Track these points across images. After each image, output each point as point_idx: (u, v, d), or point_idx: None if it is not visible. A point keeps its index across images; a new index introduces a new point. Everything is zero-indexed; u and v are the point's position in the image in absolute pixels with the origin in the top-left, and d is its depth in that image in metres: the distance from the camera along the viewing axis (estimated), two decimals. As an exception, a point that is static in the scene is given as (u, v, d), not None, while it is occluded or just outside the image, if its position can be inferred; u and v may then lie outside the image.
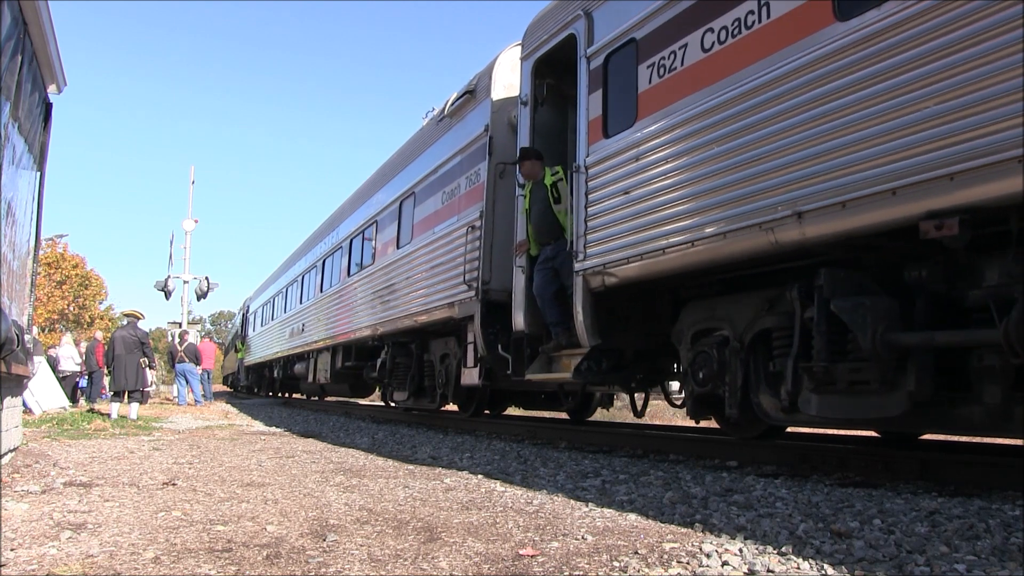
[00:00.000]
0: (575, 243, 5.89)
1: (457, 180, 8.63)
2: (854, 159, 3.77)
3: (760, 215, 4.28)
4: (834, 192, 3.86)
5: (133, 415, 11.94)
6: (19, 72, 4.81)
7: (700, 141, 4.75)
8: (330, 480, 4.81)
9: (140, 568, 2.53)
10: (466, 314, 7.98)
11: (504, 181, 7.71)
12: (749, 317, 4.94)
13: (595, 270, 5.66)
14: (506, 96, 7.93)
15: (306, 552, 2.78)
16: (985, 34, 3.24)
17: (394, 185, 11.13)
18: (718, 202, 4.58)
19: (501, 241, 7.65)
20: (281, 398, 24.48)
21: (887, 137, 3.62)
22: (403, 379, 10.87)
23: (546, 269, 6.49)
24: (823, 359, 4.09)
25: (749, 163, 4.38)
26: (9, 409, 5.73)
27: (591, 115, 5.90)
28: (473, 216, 7.96)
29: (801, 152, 4.06)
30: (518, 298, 6.89)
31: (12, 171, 4.89)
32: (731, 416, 5.02)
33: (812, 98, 4.03)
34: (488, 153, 7.83)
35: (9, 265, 4.94)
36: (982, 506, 3.36)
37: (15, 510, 3.54)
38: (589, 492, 4.26)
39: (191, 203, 35.58)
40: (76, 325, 36.76)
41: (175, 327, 26.54)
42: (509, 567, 2.58)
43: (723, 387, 5.05)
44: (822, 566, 2.47)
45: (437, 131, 9.64)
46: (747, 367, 4.91)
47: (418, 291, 9.44)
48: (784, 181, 4.14)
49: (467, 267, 7.92)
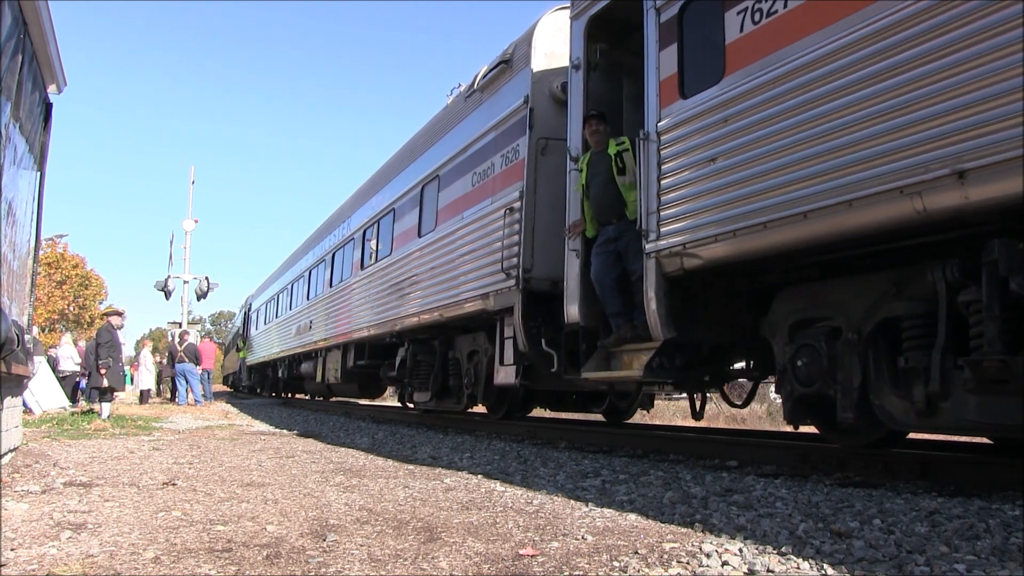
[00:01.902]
0: (644, 221, 5.18)
1: (490, 159, 7.92)
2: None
3: (902, 177, 3.55)
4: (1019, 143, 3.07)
5: (104, 414, 12.09)
6: (19, 72, 4.82)
7: (816, 93, 4.00)
8: (330, 480, 4.81)
9: (140, 568, 2.53)
10: (503, 306, 7.29)
11: (546, 158, 7.05)
12: (869, 304, 4.22)
13: (672, 251, 4.95)
14: (548, 66, 7.25)
15: (306, 552, 2.78)
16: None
17: (414, 170, 10.41)
18: (841, 165, 3.84)
19: (544, 224, 6.98)
20: (285, 399, 23.92)
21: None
22: (425, 378, 10.16)
23: (607, 252, 5.80)
24: (996, 351, 3.32)
25: (888, 114, 3.63)
26: (9, 409, 5.72)
27: (663, 74, 5.19)
28: (511, 197, 7.25)
29: (971, 94, 3.28)
30: (571, 286, 6.17)
31: (13, 171, 4.89)
32: (845, 420, 4.31)
33: (996, 23, 3.16)
34: (528, 127, 7.12)
35: (9, 265, 4.94)
36: (982, 506, 3.36)
37: (15, 510, 3.54)
38: (589, 492, 4.26)
39: (191, 203, 35.69)
40: (76, 325, 36.79)
41: (175, 327, 26.58)
42: (509, 567, 2.58)
43: (834, 387, 4.34)
44: (822, 566, 2.47)
45: (466, 108, 8.87)
46: (865, 363, 4.21)
47: (443, 282, 8.77)
48: (942, 133, 3.39)
49: (505, 253, 7.21)
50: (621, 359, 5.69)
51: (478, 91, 8.50)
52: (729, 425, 13.90)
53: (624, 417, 10.10)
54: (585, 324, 6.05)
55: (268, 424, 12.05)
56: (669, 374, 5.25)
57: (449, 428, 10.02)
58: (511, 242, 7.16)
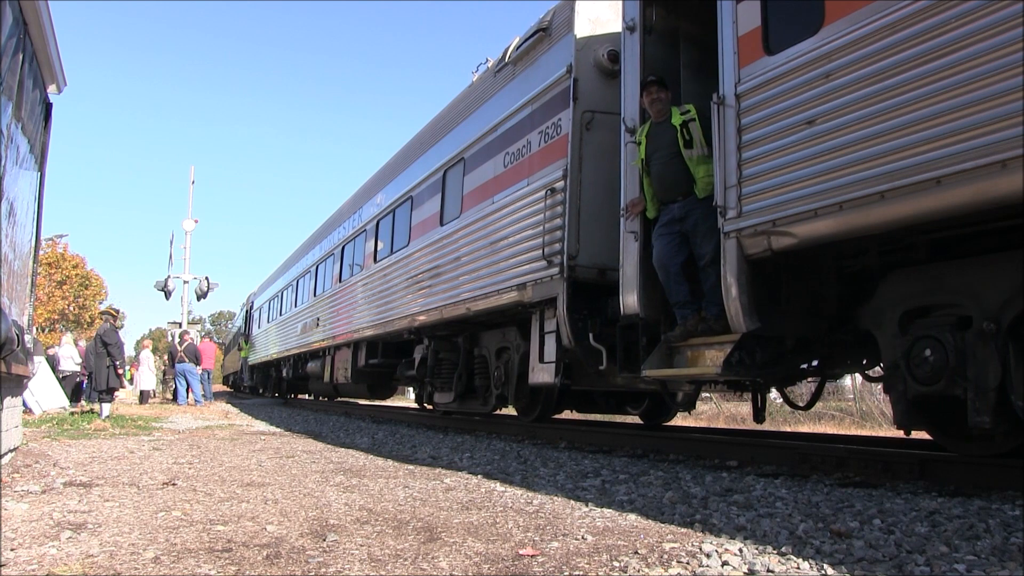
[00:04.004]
0: (722, 197, 4.64)
1: (526, 136, 7.32)
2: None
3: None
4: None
5: (103, 414, 12.14)
6: (20, 72, 4.82)
7: (960, 33, 3.38)
8: (330, 480, 4.81)
9: (140, 568, 2.53)
10: (543, 297, 6.72)
11: (592, 134, 6.45)
12: (1011, 288, 3.66)
13: (757, 229, 4.39)
14: (592, 32, 6.64)
15: (306, 552, 2.78)
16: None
17: (435, 154, 9.74)
18: (996, 118, 3.21)
19: (590, 206, 6.37)
20: (290, 399, 23.19)
21: None
22: (448, 378, 9.52)
23: (671, 234, 5.26)
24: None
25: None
26: (9, 409, 5.73)
27: (741, 30, 4.65)
28: (552, 176, 6.66)
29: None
30: (628, 272, 5.55)
31: (15, 171, 4.90)
32: (978, 425, 3.74)
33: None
34: (572, 98, 6.50)
35: (10, 265, 4.94)
36: (982, 506, 3.36)
37: (15, 510, 3.54)
38: (589, 492, 4.26)
39: (191, 203, 35.66)
40: (76, 325, 36.83)
41: (175, 327, 26.56)
42: (509, 567, 2.58)
43: (962, 386, 3.79)
44: (822, 566, 2.47)
45: (495, 84, 8.23)
46: (1005, 357, 3.66)
47: (470, 273, 8.16)
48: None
49: (546, 239, 6.58)
50: (685, 355, 5.18)
51: (510, 64, 7.88)
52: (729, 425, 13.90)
53: (664, 419, 9.58)
54: (645, 316, 5.46)
55: (268, 424, 12.05)
56: (750, 371, 4.66)
57: (449, 428, 10.01)
58: (553, 226, 6.57)
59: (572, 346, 6.32)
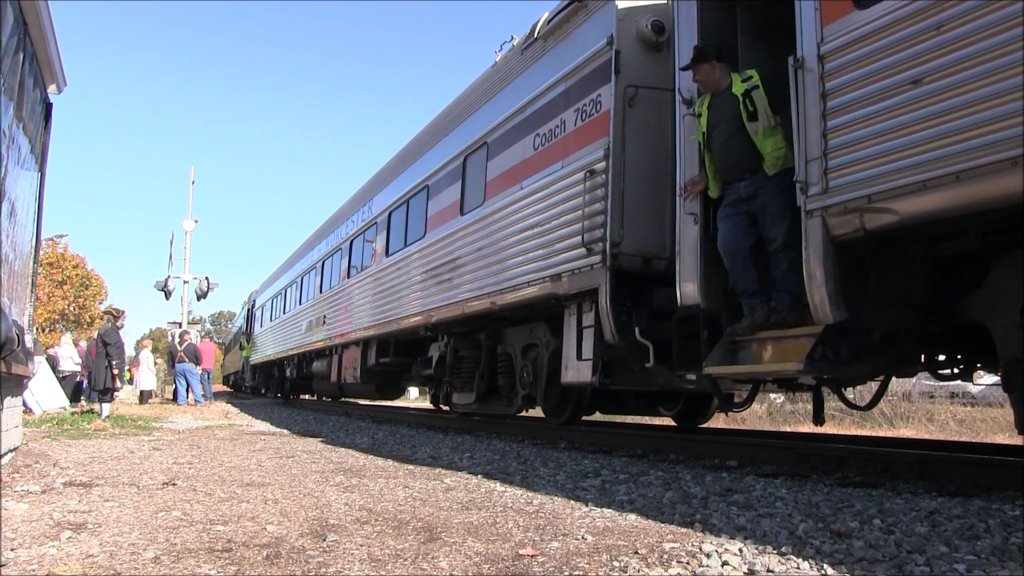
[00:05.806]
0: (803, 170, 4.16)
1: (559, 116, 6.82)
2: None
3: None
4: None
5: (103, 414, 12.16)
6: (21, 72, 4.82)
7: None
8: (330, 480, 4.81)
9: (140, 568, 2.53)
10: (582, 288, 6.21)
11: (635, 110, 5.95)
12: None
13: (848, 206, 3.90)
14: (634, 3, 6.15)
15: (306, 552, 2.78)
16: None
17: (454, 139, 9.20)
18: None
19: (634, 188, 5.87)
20: (292, 399, 22.53)
21: None
22: (468, 377, 8.95)
23: (738, 215, 4.78)
24: None
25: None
26: (9, 409, 5.73)
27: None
28: (592, 158, 6.15)
29: None
30: (687, 259, 5.10)
31: (16, 172, 4.90)
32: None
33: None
34: (614, 72, 5.97)
35: (10, 265, 4.94)
36: (982, 506, 3.36)
37: (15, 510, 3.54)
38: (589, 492, 4.26)
39: (191, 203, 35.70)
40: (76, 325, 36.82)
41: (175, 327, 26.59)
42: (509, 567, 2.58)
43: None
44: (822, 566, 2.47)
45: (522, 62, 7.70)
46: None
47: (495, 265, 7.69)
48: None
49: (586, 224, 6.08)
50: (752, 349, 4.72)
51: (540, 40, 7.35)
52: (729, 425, 13.89)
53: (701, 421, 9.07)
54: (706, 306, 4.97)
55: (268, 424, 12.05)
56: (835, 368, 4.15)
57: (449, 428, 10.01)
58: (593, 211, 6.06)
59: (615, 341, 5.79)
